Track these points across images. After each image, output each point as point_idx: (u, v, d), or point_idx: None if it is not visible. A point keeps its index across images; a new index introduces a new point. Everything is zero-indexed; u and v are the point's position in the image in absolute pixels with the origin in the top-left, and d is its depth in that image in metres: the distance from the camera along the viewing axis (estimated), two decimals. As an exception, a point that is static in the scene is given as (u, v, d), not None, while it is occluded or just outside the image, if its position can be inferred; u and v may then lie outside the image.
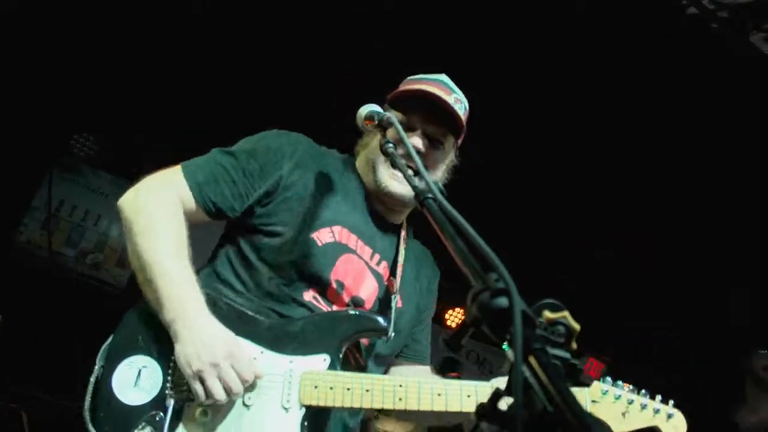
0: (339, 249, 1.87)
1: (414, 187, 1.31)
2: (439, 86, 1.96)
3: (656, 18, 3.51)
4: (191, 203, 1.80)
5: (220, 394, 1.57)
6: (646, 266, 5.67)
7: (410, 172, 1.38)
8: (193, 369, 1.56)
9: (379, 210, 2.02)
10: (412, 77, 2.05)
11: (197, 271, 1.80)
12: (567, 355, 0.94)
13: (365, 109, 1.76)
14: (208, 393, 1.57)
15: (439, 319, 7.26)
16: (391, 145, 1.59)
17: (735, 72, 3.67)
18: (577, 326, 1.01)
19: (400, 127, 1.52)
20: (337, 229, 1.88)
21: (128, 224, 1.73)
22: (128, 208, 1.75)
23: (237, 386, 1.59)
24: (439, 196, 1.21)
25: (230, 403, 1.63)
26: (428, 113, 1.92)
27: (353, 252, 1.91)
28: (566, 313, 0.98)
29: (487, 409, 0.80)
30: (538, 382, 0.80)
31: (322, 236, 1.85)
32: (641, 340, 7.04)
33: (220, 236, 1.98)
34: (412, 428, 5.09)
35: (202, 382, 1.57)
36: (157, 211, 1.73)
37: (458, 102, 1.97)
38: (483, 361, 8.82)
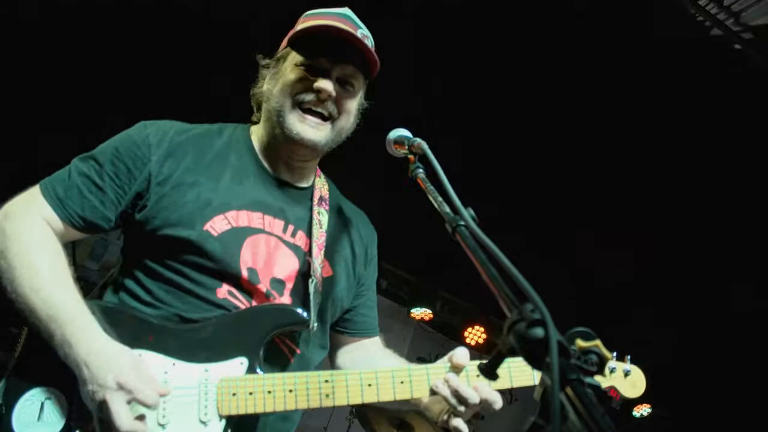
0: (239, 234, 1.71)
1: (445, 214, 1.32)
2: (345, 21, 1.77)
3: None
4: (57, 222, 1.67)
5: (125, 424, 1.40)
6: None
7: (440, 198, 1.38)
8: (92, 410, 1.45)
9: (283, 176, 1.86)
10: (311, 12, 1.85)
11: (104, 284, 1.74)
12: (598, 383, 0.96)
13: (394, 134, 1.71)
14: (113, 425, 1.41)
15: (457, 337, 7.23)
16: (421, 170, 1.59)
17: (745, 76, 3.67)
18: (609, 354, 1.03)
19: (431, 155, 1.53)
20: (231, 214, 1.72)
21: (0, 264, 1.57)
22: None
23: (127, 424, 1.42)
24: (472, 224, 1.22)
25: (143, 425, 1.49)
26: (336, 52, 1.74)
27: (260, 231, 1.74)
28: (598, 342, 1.00)
29: (525, 439, 0.82)
30: (575, 412, 0.82)
31: (217, 225, 1.69)
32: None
33: (121, 247, 1.83)
34: None
35: (101, 422, 1.43)
36: (24, 241, 1.58)
37: (366, 38, 1.78)
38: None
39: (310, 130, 1.76)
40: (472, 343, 7.20)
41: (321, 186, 1.97)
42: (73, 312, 1.51)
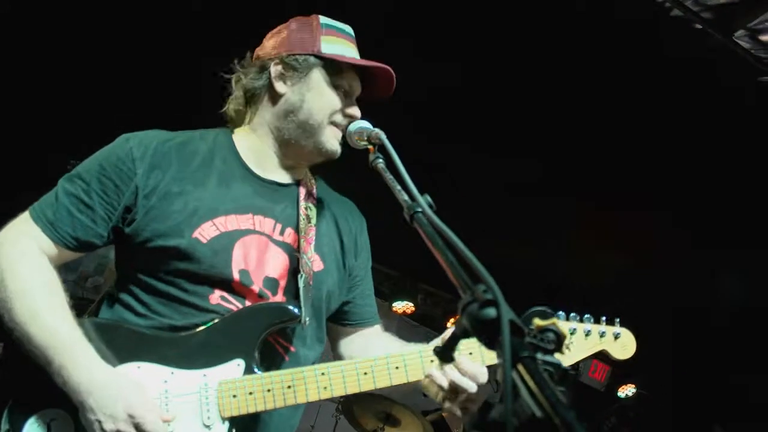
0: (228, 238, 1.73)
1: (403, 201, 1.32)
2: (354, 43, 1.94)
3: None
4: (50, 246, 1.69)
5: None
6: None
7: (398, 186, 1.39)
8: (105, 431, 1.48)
9: (270, 176, 1.90)
10: (328, 24, 1.92)
11: (101, 299, 1.76)
12: (558, 361, 0.96)
13: (355, 126, 1.76)
14: None
15: (442, 328, 7.24)
16: (380, 160, 1.59)
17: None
18: (566, 332, 1.04)
19: (388, 144, 1.53)
20: (219, 220, 1.74)
21: None
22: None
23: None
24: (428, 211, 1.23)
25: None
26: (367, 80, 1.92)
27: (250, 232, 1.77)
28: (555, 320, 1.01)
29: (478, 419, 0.83)
30: (527, 389, 0.82)
31: (205, 232, 1.71)
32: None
33: (114, 260, 1.86)
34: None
35: None
36: (18, 269, 1.60)
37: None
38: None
39: (338, 145, 1.89)
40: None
41: (308, 180, 2.00)
42: (70, 339, 1.54)
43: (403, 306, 7.32)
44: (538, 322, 1.00)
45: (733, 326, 6.18)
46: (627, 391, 8.58)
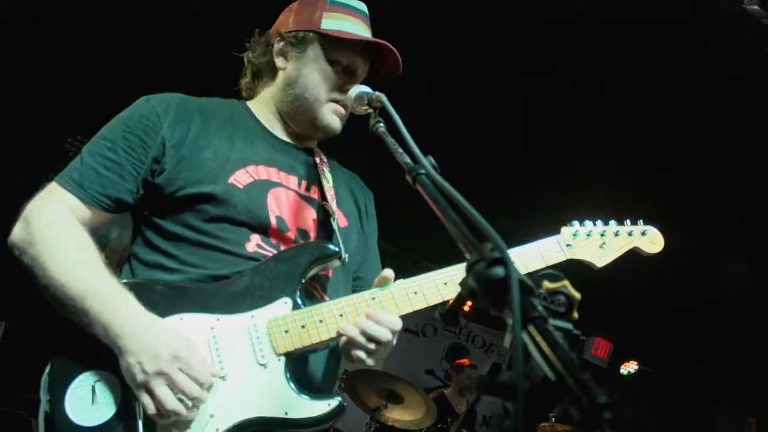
0: (263, 186, 1.75)
1: (405, 164, 1.27)
2: (365, 21, 1.92)
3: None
4: (81, 208, 1.65)
5: (172, 404, 1.41)
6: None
7: (400, 149, 1.34)
8: (137, 382, 1.42)
9: (287, 140, 1.93)
10: (337, 0, 1.91)
11: (121, 268, 1.72)
12: (569, 325, 0.92)
13: (355, 91, 1.70)
14: (159, 407, 1.42)
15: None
16: (381, 123, 1.54)
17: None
18: (577, 295, 0.99)
19: (389, 106, 1.48)
20: (251, 168, 1.76)
21: (28, 258, 1.56)
22: (21, 244, 1.58)
23: (192, 390, 1.44)
24: (432, 172, 1.18)
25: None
26: (369, 59, 1.90)
27: (279, 185, 1.79)
28: (566, 282, 0.96)
29: (487, 382, 0.78)
30: (538, 350, 0.77)
31: (240, 179, 1.72)
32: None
33: (131, 228, 1.82)
34: (420, 416, 5.09)
35: (150, 393, 1.42)
36: (49, 231, 1.57)
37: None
38: (490, 346, 8.83)
39: (338, 122, 1.89)
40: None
41: (317, 151, 2.04)
42: (108, 286, 1.51)
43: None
44: (547, 284, 0.95)
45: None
46: (630, 368, 8.60)
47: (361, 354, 1.61)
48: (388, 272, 1.70)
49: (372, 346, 1.60)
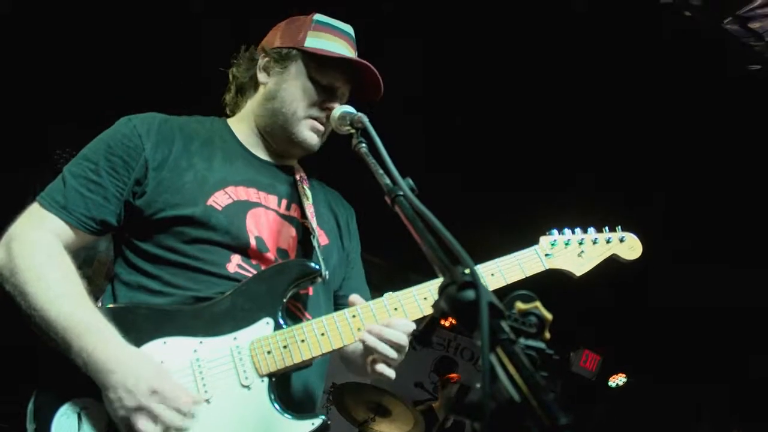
0: (242, 207, 1.77)
1: (385, 185, 1.30)
2: (351, 43, 1.94)
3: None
4: (66, 231, 1.65)
5: (175, 421, 1.44)
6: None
7: (380, 170, 1.37)
8: (119, 417, 1.43)
9: (267, 158, 1.95)
10: (322, 20, 1.94)
11: (110, 280, 1.74)
12: (541, 345, 0.94)
13: (338, 111, 1.73)
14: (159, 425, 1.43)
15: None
16: (363, 144, 1.57)
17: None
18: (549, 316, 1.01)
19: (371, 128, 1.51)
20: (230, 189, 1.78)
21: (10, 287, 1.56)
22: (3, 271, 1.58)
23: (174, 421, 1.44)
24: (410, 194, 1.21)
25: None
26: (352, 79, 1.91)
27: (258, 205, 1.81)
28: (538, 303, 0.99)
29: (455, 402, 0.80)
30: (505, 372, 0.80)
31: (219, 200, 1.74)
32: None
33: (113, 250, 1.83)
34: (408, 429, 5.09)
35: (134, 428, 1.42)
36: (31, 260, 1.56)
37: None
38: (478, 359, 8.84)
39: (316, 138, 1.90)
40: (447, 324, 7.24)
41: (298, 168, 2.05)
42: (88, 321, 1.50)
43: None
44: (520, 305, 0.97)
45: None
46: (618, 380, 8.62)
47: (383, 368, 1.67)
48: (356, 298, 1.74)
49: (393, 353, 1.64)
